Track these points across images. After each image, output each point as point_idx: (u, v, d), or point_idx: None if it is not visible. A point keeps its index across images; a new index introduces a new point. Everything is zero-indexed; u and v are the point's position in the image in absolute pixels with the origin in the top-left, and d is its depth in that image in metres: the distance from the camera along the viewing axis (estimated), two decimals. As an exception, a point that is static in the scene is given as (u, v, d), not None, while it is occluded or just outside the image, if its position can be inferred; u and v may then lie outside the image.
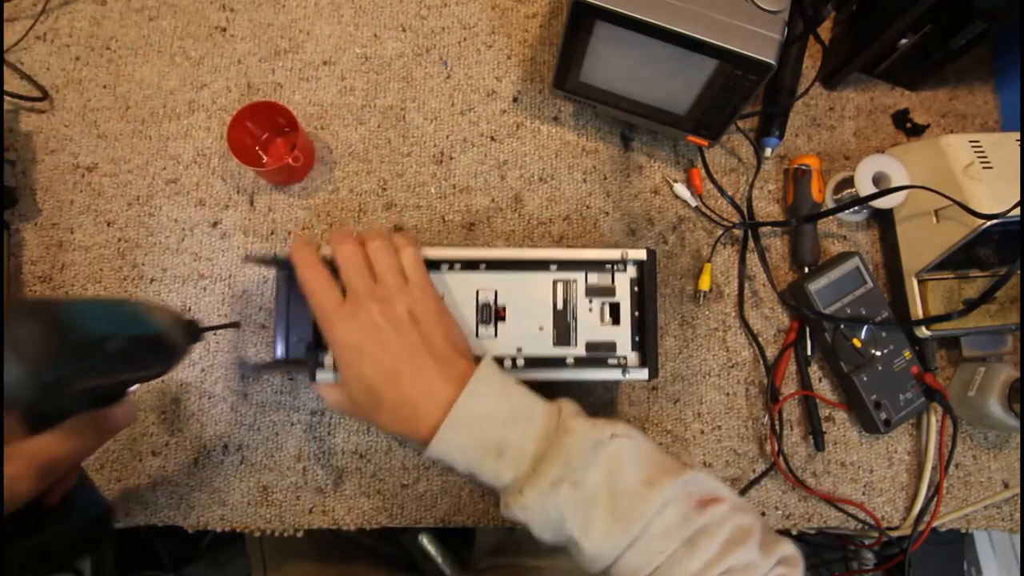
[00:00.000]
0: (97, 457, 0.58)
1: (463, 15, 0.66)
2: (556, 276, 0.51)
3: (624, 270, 0.51)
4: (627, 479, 0.40)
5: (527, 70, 0.66)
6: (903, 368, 0.58)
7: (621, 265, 0.51)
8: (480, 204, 0.63)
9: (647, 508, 0.39)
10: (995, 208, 0.51)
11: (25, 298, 0.56)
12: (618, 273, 0.51)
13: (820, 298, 0.58)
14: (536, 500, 0.40)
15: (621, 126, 0.65)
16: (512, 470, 0.41)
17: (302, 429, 0.59)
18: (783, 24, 0.48)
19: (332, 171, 0.63)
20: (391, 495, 0.58)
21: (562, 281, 0.51)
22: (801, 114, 0.66)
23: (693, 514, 0.40)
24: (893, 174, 0.59)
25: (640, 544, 0.39)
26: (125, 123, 0.64)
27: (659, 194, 0.64)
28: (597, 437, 0.41)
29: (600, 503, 0.40)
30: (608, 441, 0.41)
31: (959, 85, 0.67)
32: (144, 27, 0.66)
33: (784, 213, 0.64)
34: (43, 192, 0.62)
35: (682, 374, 0.61)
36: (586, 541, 0.39)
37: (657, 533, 0.39)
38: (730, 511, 0.41)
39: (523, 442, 0.42)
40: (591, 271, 0.51)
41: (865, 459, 0.60)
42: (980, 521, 0.60)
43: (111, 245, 0.61)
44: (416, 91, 0.65)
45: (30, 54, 0.65)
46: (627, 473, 0.40)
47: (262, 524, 0.57)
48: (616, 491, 0.40)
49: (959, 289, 0.58)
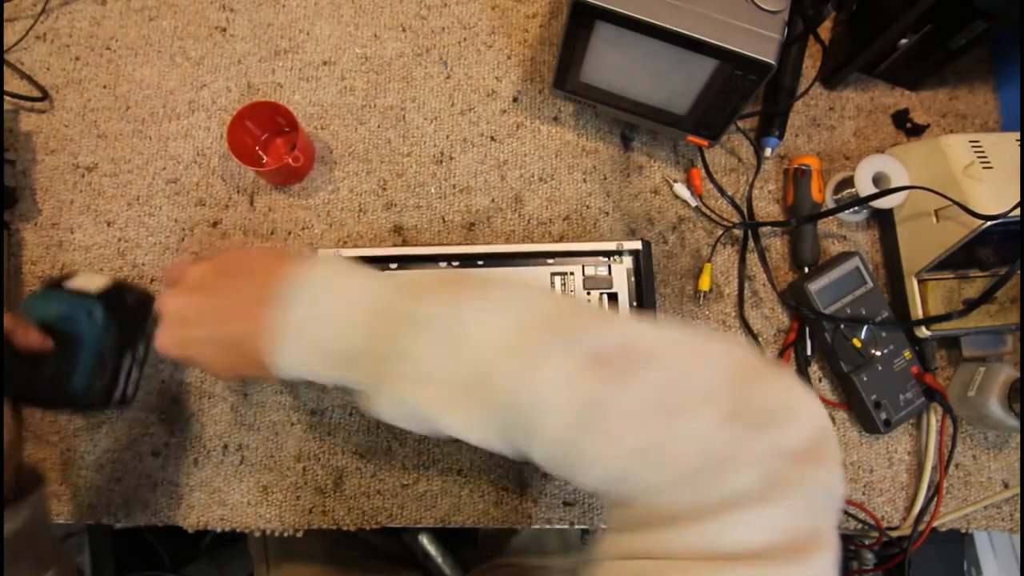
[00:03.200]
0: (97, 457, 0.58)
1: (463, 15, 0.66)
2: (554, 269, 0.51)
3: (620, 261, 0.52)
4: (489, 347, 0.33)
5: (527, 70, 0.66)
6: (903, 368, 0.58)
7: (617, 256, 0.52)
8: (480, 204, 0.63)
9: (518, 383, 0.32)
10: (995, 208, 0.51)
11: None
12: (615, 264, 0.52)
13: (820, 298, 0.58)
14: (388, 406, 0.35)
15: (621, 126, 0.65)
16: (354, 374, 0.36)
17: (302, 429, 0.59)
18: (783, 24, 0.48)
19: (332, 171, 0.63)
20: (391, 495, 0.58)
21: (559, 274, 0.51)
22: (801, 114, 0.66)
23: (591, 386, 0.31)
24: (893, 174, 0.58)
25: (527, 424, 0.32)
26: (125, 123, 0.64)
27: (659, 194, 0.64)
28: (444, 314, 0.34)
29: (458, 388, 0.34)
30: (458, 314, 0.34)
31: (959, 85, 0.67)
32: (144, 27, 0.66)
33: (784, 213, 0.64)
34: (43, 192, 0.62)
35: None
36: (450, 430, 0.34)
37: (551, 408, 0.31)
38: (657, 364, 0.31)
39: (355, 343, 0.36)
40: (588, 264, 0.51)
41: (865, 459, 0.60)
42: (980, 521, 0.60)
43: (111, 245, 0.61)
44: (416, 91, 0.65)
45: (30, 54, 0.65)
46: (493, 336, 0.33)
47: (262, 524, 0.57)
48: (478, 372, 0.33)
49: (959, 289, 0.58)
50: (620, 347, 0.32)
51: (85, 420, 0.59)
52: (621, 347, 0.32)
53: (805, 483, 0.29)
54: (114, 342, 0.51)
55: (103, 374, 0.50)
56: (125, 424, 0.59)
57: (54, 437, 0.58)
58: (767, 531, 0.28)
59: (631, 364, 0.31)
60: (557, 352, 0.32)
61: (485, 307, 0.34)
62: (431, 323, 0.34)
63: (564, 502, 0.58)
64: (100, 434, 0.58)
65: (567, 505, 0.58)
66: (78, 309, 0.49)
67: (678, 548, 0.29)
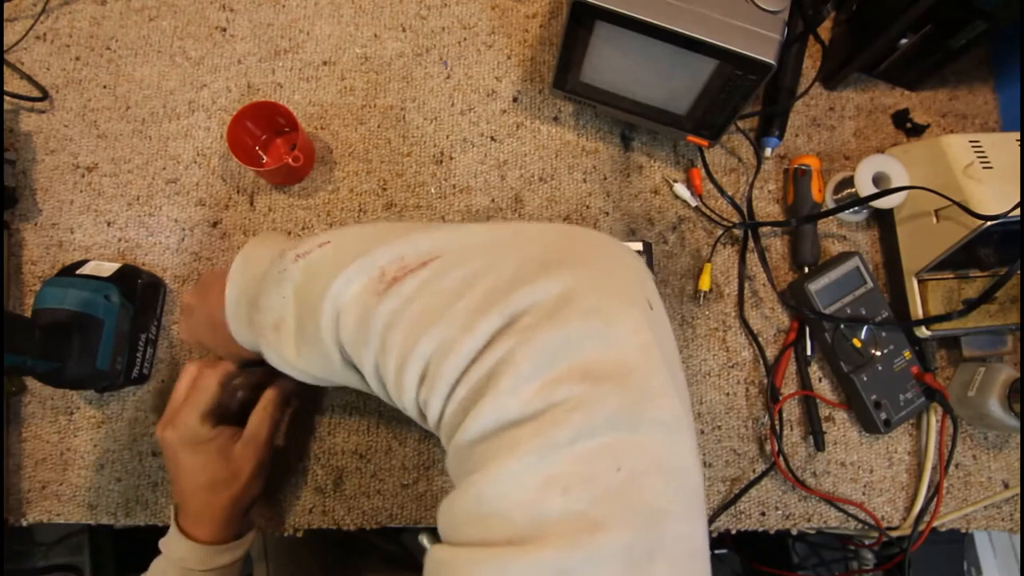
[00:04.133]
0: (97, 457, 0.58)
1: (463, 15, 0.66)
2: None
3: None
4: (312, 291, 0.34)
5: (527, 70, 0.66)
6: (903, 368, 0.58)
7: None
8: (480, 204, 0.63)
9: (321, 302, 0.32)
10: (995, 208, 0.51)
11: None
12: None
13: (820, 298, 0.58)
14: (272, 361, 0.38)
15: (621, 126, 0.65)
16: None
17: (302, 429, 0.59)
18: (783, 24, 0.48)
19: (332, 171, 0.63)
20: (391, 495, 0.58)
21: None
22: (801, 114, 0.66)
23: (371, 300, 0.31)
24: (893, 174, 0.58)
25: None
26: (125, 123, 0.64)
27: (659, 194, 0.64)
28: (281, 267, 0.36)
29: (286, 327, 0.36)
30: (291, 267, 0.36)
31: (959, 85, 0.67)
32: (144, 27, 0.66)
33: (784, 213, 0.64)
34: (43, 192, 0.62)
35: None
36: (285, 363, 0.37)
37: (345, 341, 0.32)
38: (442, 270, 0.30)
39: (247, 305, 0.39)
40: None
41: (865, 459, 0.60)
42: (980, 521, 0.60)
43: (111, 245, 0.61)
44: (416, 91, 0.65)
45: (30, 54, 0.65)
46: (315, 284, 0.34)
47: (262, 524, 0.57)
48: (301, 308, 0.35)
49: (959, 289, 0.58)
50: (403, 256, 0.32)
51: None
52: (405, 256, 0.32)
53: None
54: (131, 323, 0.55)
55: (123, 353, 0.55)
56: (125, 424, 0.59)
57: (54, 437, 0.58)
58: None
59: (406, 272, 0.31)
60: (352, 270, 0.32)
61: (325, 249, 0.36)
62: (281, 273, 0.36)
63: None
64: (100, 434, 0.58)
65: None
66: (96, 294, 0.52)
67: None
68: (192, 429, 0.47)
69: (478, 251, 0.31)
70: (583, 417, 0.25)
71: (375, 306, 0.30)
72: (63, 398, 0.59)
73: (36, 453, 0.58)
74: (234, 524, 0.50)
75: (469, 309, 0.28)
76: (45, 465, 0.58)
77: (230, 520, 0.49)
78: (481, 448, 0.27)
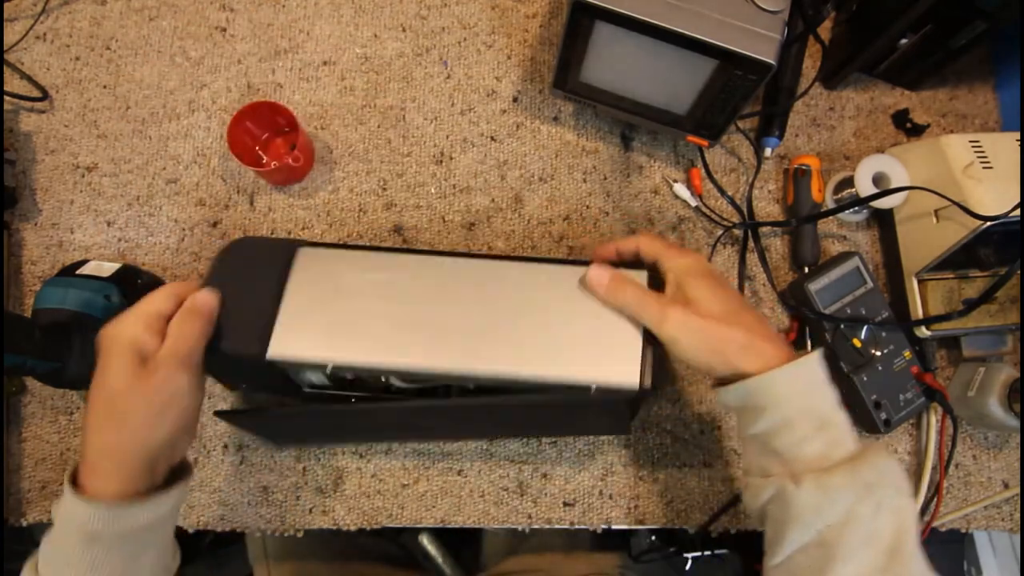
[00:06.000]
0: (97, 457, 0.58)
1: (463, 15, 0.66)
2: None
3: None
4: (909, 546, 0.37)
5: (527, 70, 0.66)
6: (903, 368, 0.58)
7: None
8: (480, 204, 0.63)
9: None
10: (995, 208, 0.51)
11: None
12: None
13: (820, 298, 0.58)
14: (841, 490, 0.38)
15: (621, 126, 0.65)
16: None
17: (302, 429, 0.59)
18: (783, 24, 0.48)
19: (332, 171, 0.63)
20: (391, 495, 0.58)
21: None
22: (801, 114, 0.66)
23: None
24: (893, 174, 0.59)
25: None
26: (125, 123, 0.64)
27: (659, 194, 0.64)
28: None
29: (878, 544, 0.37)
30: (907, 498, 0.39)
31: (959, 85, 0.67)
32: (144, 27, 0.66)
33: (784, 213, 0.64)
34: (43, 192, 0.62)
35: (682, 374, 0.61)
36: (839, 563, 0.37)
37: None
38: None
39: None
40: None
41: (865, 459, 0.60)
42: (980, 521, 0.60)
43: (111, 245, 0.61)
44: (416, 91, 0.65)
45: (30, 54, 0.65)
46: (910, 539, 0.38)
47: (262, 524, 0.57)
48: (894, 549, 0.37)
49: (959, 289, 0.58)
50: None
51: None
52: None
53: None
54: None
55: None
56: (125, 424, 0.59)
57: (54, 437, 0.59)
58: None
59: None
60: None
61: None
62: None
63: (564, 502, 0.58)
64: (100, 434, 0.58)
65: (567, 505, 0.58)
66: (96, 294, 0.52)
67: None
68: (135, 329, 0.39)
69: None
70: None
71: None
72: (63, 398, 0.59)
73: (36, 453, 0.58)
74: (149, 468, 0.39)
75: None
76: (45, 465, 0.58)
77: (144, 462, 0.39)
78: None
